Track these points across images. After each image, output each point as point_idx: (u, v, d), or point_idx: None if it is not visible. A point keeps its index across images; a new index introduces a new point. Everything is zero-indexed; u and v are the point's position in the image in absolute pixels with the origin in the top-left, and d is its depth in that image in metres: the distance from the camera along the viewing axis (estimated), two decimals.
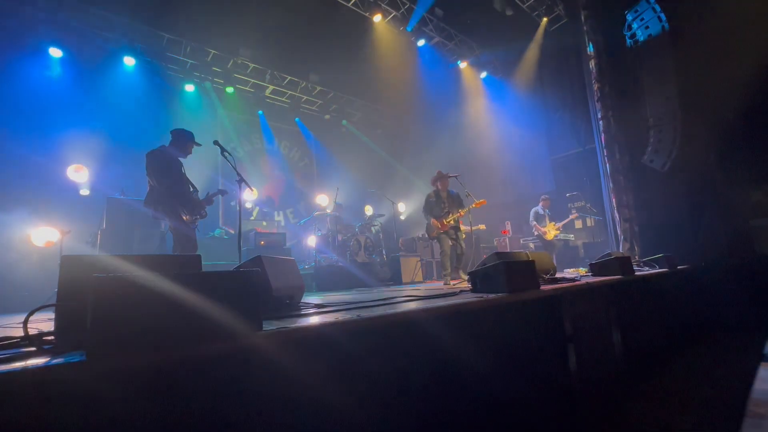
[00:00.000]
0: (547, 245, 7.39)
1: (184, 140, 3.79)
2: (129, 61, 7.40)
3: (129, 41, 7.31)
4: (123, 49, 7.33)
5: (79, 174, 6.07)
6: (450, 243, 4.99)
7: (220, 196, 4.10)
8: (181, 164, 3.77)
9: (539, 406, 1.96)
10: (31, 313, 1.08)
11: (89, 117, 6.71)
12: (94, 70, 7.09)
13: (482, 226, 6.39)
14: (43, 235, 4.36)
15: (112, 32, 7.07)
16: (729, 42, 5.23)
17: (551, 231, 7.37)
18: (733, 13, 5.25)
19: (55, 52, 6.69)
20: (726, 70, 5.24)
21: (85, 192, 6.24)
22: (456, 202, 5.16)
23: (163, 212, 3.47)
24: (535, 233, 7.58)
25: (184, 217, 3.52)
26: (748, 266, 5.16)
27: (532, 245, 8.42)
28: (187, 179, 3.80)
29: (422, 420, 1.41)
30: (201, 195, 3.93)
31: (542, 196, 7.72)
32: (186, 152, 3.84)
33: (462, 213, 5.06)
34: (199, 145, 3.92)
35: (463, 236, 5.62)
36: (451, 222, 5.03)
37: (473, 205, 5.08)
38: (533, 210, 7.58)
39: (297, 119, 10.61)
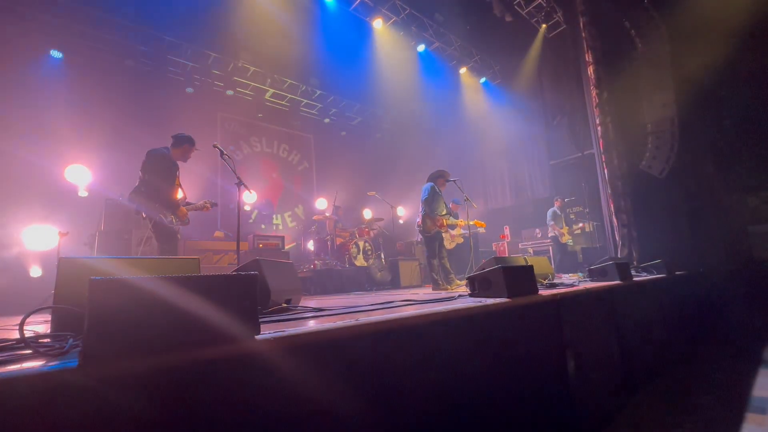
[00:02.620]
0: (562, 247, 7.40)
1: (184, 145, 3.80)
2: (129, 63, 7.42)
3: (130, 43, 7.33)
4: (123, 51, 7.34)
5: (78, 175, 6.05)
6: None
7: (209, 207, 4.01)
8: (177, 168, 3.79)
9: (537, 411, 1.95)
10: (27, 315, 1.07)
11: (89, 118, 6.71)
12: (94, 71, 7.10)
13: (483, 225, 6.36)
14: (41, 237, 4.35)
15: (112, 34, 7.09)
16: (727, 47, 5.27)
17: (566, 234, 7.40)
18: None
19: (56, 54, 6.71)
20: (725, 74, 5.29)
21: (83, 193, 6.22)
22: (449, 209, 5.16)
23: (147, 209, 3.51)
24: (551, 234, 7.61)
25: (165, 220, 3.55)
26: (746, 272, 5.18)
27: (531, 250, 8.42)
28: (179, 184, 3.81)
29: (422, 423, 1.40)
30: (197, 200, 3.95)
31: (556, 198, 7.77)
32: (185, 157, 3.86)
33: (461, 224, 5.15)
34: (198, 150, 3.93)
35: (461, 240, 5.62)
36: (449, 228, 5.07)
37: (475, 223, 5.22)
38: (551, 210, 7.63)
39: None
